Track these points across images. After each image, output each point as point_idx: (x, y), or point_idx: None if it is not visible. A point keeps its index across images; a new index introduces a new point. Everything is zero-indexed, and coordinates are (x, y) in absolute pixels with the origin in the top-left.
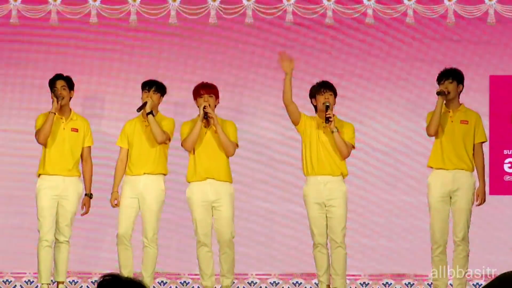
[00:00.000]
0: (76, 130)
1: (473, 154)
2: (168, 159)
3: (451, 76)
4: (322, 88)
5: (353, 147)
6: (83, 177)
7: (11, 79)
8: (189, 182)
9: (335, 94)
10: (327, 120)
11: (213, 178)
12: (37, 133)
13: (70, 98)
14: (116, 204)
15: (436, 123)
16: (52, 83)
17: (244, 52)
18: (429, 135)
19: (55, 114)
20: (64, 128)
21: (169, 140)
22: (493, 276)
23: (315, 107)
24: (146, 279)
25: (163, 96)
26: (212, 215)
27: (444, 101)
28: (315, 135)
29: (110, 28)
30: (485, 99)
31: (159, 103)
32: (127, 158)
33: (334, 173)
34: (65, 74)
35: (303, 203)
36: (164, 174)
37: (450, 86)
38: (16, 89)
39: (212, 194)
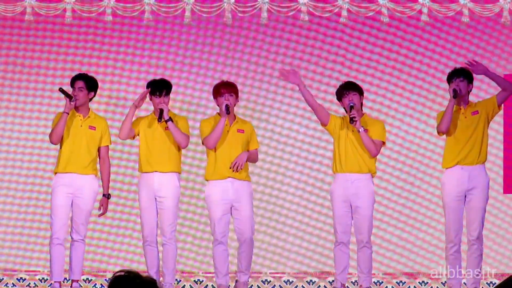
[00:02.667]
0: (93, 128)
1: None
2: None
3: (462, 75)
4: (345, 90)
5: (384, 143)
6: (101, 177)
7: (25, 77)
8: (207, 180)
9: (361, 93)
10: (351, 120)
11: (234, 177)
12: (50, 133)
13: (91, 98)
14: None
15: (447, 121)
16: (72, 82)
17: (259, 49)
18: (440, 133)
19: (68, 114)
20: (81, 126)
21: (189, 140)
22: (507, 275)
23: (344, 108)
24: (167, 276)
25: (169, 94)
26: (231, 214)
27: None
28: (343, 134)
29: (124, 26)
30: None
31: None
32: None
33: (362, 170)
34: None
35: (318, 202)
36: (178, 173)
37: (461, 84)
38: (30, 86)
39: (233, 193)
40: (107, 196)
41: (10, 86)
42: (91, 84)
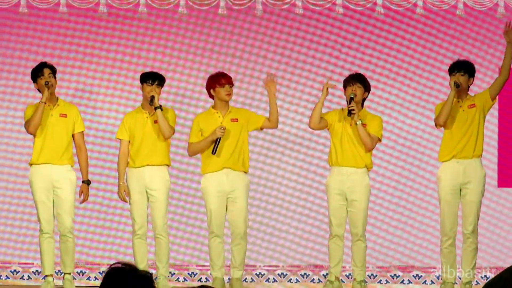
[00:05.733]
0: (64, 115)
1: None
2: (170, 152)
3: (463, 69)
4: (352, 80)
5: (380, 140)
6: (79, 164)
7: (14, 69)
8: (203, 174)
9: (366, 87)
10: (349, 112)
11: (230, 168)
12: (27, 123)
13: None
14: (125, 197)
15: (447, 113)
16: (39, 70)
17: (252, 44)
18: (438, 125)
19: (45, 103)
20: (52, 115)
21: (173, 132)
22: (501, 269)
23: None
24: (161, 270)
25: (162, 87)
26: (227, 206)
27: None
28: (341, 127)
29: (119, 18)
30: None
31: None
32: (128, 150)
33: (358, 164)
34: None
35: (312, 195)
36: (168, 165)
37: (461, 78)
38: (22, 76)
39: (228, 184)
40: (86, 182)
41: None
42: (55, 72)
